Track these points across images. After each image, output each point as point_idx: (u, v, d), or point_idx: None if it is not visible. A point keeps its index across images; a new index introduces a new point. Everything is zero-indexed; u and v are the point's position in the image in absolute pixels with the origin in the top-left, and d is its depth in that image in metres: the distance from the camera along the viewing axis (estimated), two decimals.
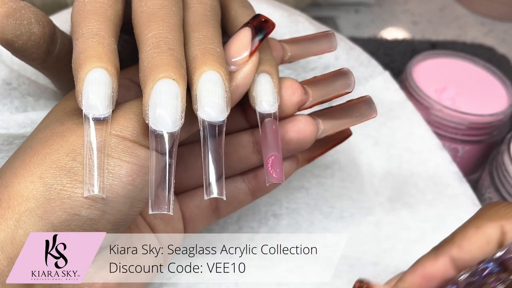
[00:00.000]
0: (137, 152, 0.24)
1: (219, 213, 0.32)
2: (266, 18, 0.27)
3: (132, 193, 0.24)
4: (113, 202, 0.23)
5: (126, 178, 0.23)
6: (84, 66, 0.23)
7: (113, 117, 0.24)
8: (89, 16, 0.24)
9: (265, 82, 0.27)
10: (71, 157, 0.23)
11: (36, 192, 0.23)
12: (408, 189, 0.39)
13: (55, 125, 0.25)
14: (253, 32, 0.26)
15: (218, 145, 0.24)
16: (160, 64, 0.23)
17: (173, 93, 0.22)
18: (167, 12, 0.24)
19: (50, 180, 0.23)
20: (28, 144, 0.25)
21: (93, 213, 0.23)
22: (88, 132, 0.23)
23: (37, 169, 0.23)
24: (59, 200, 0.22)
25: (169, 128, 0.23)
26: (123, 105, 0.25)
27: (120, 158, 0.23)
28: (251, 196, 0.31)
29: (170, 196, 0.23)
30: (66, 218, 0.23)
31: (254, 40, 0.26)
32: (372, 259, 0.35)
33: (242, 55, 0.26)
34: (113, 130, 0.23)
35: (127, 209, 0.24)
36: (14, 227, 0.22)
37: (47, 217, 0.22)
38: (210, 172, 0.24)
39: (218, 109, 0.23)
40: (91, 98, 0.23)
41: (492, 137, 0.45)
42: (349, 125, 0.30)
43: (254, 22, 0.27)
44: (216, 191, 0.23)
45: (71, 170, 0.23)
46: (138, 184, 0.24)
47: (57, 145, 0.23)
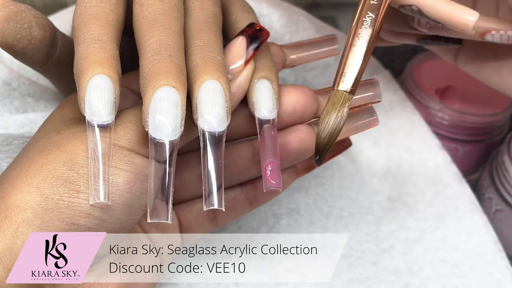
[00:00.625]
0: (134, 161, 0.24)
1: (217, 223, 0.32)
2: (261, 27, 0.27)
3: (130, 201, 0.24)
4: (112, 211, 0.23)
5: (124, 186, 0.23)
6: (86, 72, 0.23)
7: None
8: (90, 20, 0.24)
9: (265, 88, 0.27)
10: (67, 167, 0.23)
11: (33, 202, 0.22)
12: (408, 189, 0.39)
13: (52, 134, 0.24)
14: (248, 41, 0.26)
15: (218, 155, 0.24)
16: (161, 71, 0.23)
17: (173, 101, 0.22)
18: (168, 18, 0.24)
19: (47, 190, 0.23)
20: (25, 154, 0.25)
21: (92, 222, 0.23)
22: (92, 139, 0.23)
23: (34, 179, 0.23)
24: (57, 210, 0.22)
25: (169, 136, 0.22)
26: (120, 114, 0.24)
27: (117, 166, 0.23)
28: (250, 206, 0.31)
29: (169, 205, 0.23)
30: (65, 228, 0.23)
31: (249, 49, 0.26)
32: (371, 258, 0.36)
33: (236, 63, 0.26)
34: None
35: (125, 217, 0.24)
36: (12, 237, 0.22)
37: (45, 227, 0.22)
38: (210, 182, 0.23)
39: (218, 119, 0.23)
40: (94, 105, 0.22)
41: (492, 137, 0.45)
42: (350, 134, 0.30)
43: (249, 31, 0.27)
44: (216, 202, 0.23)
45: (68, 180, 0.23)
46: (136, 192, 0.24)
47: (54, 155, 0.23)
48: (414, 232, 0.37)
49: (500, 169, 0.40)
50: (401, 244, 0.36)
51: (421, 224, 0.37)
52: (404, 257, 0.36)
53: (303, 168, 0.32)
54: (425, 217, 0.38)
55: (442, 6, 0.27)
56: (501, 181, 0.40)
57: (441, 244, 0.36)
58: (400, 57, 0.41)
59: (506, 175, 0.40)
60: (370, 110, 0.29)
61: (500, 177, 0.40)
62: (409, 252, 0.36)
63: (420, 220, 0.38)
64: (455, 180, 0.39)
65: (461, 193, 0.39)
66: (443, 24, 0.27)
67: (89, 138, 0.23)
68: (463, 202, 0.38)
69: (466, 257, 0.36)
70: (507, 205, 0.39)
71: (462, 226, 0.37)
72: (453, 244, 0.36)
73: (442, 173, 0.40)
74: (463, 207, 0.38)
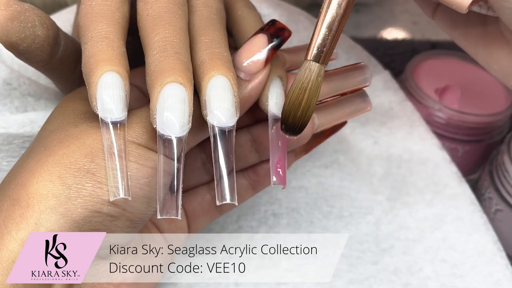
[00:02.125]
0: (152, 157, 0.24)
1: (221, 209, 0.32)
2: (283, 26, 0.27)
3: (149, 193, 0.24)
4: (132, 201, 0.24)
5: (143, 180, 0.24)
6: (96, 70, 0.23)
7: (128, 124, 0.24)
8: (97, 19, 0.24)
9: (277, 85, 0.27)
10: (89, 159, 0.23)
11: (56, 190, 0.23)
12: (407, 189, 0.39)
13: (69, 127, 0.25)
14: (269, 39, 0.26)
15: (229, 150, 0.24)
16: (167, 68, 0.23)
17: (180, 98, 0.23)
18: (173, 15, 0.24)
19: (70, 180, 0.23)
20: (41, 144, 0.25)
21: (114, 210, 0.24)
22: (107, 136, 0.23)
23: (55, 168, 0.23)
24: (80, 198, 0.23)
25: (177, 132, 0.23)
26: (137, 112, 0.25)
27: (138, 162, 0.24)
28: (252, 190, 0.32)
29: (178, 201, 0.23)
30: (88, 215, 0.23)
31: (269, 47, 0.26)
32: (371, 258, 0.36)
33: (254, 59, 0.26)
34: (129, 137, 0.24)
35: (144, 208, 0.25)
36: (35, 225, 0.22)
37: (69, 214, 0.23)
38: (222, 177, 0.24)
39: (228, 114, 0.23)
40: (107, 102, 0.23)
41: (492, 137, 0.45)
42: (344, 118, 0.30)
43: (270, 29, 0.26)
44: (229, 196, 0.24)
45: (90, 171, 0.23)
46: (154, 185, 0.24)
47: (74, 147, 0.24)
48: (414, 232, 0.37)
49: (500, 169, 0.40)
50: (401, 244, 0.36)
51: (421, 224, 0.37)
52: (404, 257, 0.36)
53: (301, 150, 0.32)
54: (425, 217, 0.38)
55: None
56: (501, 181, 0.40)
57: (441, 244, 0.36)
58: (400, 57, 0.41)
59: (506, 175, 0.40)
60: (363, 94, 0.29)
61: (500, 177, 0.40)
62: (409, 252, 0.36)
63: (420, 220, 0.38)
64: (455, 180, 0.39)
65: (461, 193, 0.39)
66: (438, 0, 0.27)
67: (103, 135, 0.23)
68: (462, 202, 0.38)
69: (466, 257, 0.36)
70: (507, 205, 0.40)
71: (462, 226, 0.37)
72: (453, 244, 0.36)
73: (442, 173, 0.40)
74: (462, 207, 0.38)
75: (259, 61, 0.26)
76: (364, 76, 0.29)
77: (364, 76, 0.29)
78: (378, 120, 0.41)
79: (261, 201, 0.38)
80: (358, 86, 0.29)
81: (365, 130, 0.41)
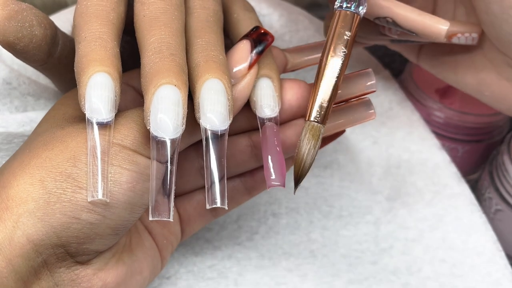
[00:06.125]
0: (137, 160, 0.24)
1: (216, 213, 0.32)
2: (266, 31, 0.27)
3: (132, 199, 0.24)
4: (114, 208, 0.23)
5: (127, 185, 0.23)
6: (86, 70, 0.23)
7: (115, 125, 0.24)
8: (91, 19, 0.24)
9: (266, 86, 0.27)
10: (71, 163, 0.23)
11: (36, 194, 0.23)
12: (407, 189, 0.39)
13: (55, 129, 0.25)
14: (252, 45, 0.26)
15: (221, 154, 0.24)
16: (162, 70, 0.23)
17: (174, 99, 0.22)
18: (169, 16, 0.24)
19: (50, 184, 0.23)
20: (27, 146, 0.25)
21: (93, 217, 0.23)
22: (92, 136, 0.23)
23: (37, 172, 0.23)
24: (59, 203, 0.23)
25: (171, 134, 0.22)
26: (124, 114, 0.25)
27: (121, 165, 0.23)
28: (248, 195, 0.31)
29: (170, 203, 0.23)
30: (66, 221, 0.23)
31: (253, 53, 0.26)
32: (371, 258, 0.36)
33: (240, 67, 0.26)
34: (114, 139, 0.23)
35: (127, 215, 0.24)
36: (12, 228, 0.22)
37: (47, 219, 0.23)
38: (213, 180, 0.24)
39: (220, 118, 0.23)
40: (94, 102, 0.23)
41: (492, 137, 0.45)
42: (347, 126, 0.30)
43: (253, 35, 0.27)
44: (219, 200, 0.23)
45: (71, 176, 0.23)
46: (138, 191, 0.24)
47: (57, 150, 0.23)
48: (413, 232, 0.37)
49: (500, 169, 0.40)
50: (401, 244, 0.36)
51: (420, 224, 0.37)
52: (404, 257, 0.36)
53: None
54: (425, 217, 0.38)
55: (415, 17, 0.29)
56: (501, 181, 0.40)
57: (440, 244, 0.36)
58: (400, 57, 0.41)
59: (506, 175, 0.40)
60: (367, 102, 0.29)
61: (500, 177, 0.40)
62: (408, 252, 0.36)
63: (419, 220, 0.38)
64: (455, 180, 0.39)
65: (460, 193, 0.39)
66: (416, 33, 0.29)
67: (88, 135, 0.23)
68: (462, 201, 0.38)
69: (465, 256, 0.36)
70: (507, 205, 0.39)
71: (461, 226, 0.37)
72: (452, 243, 0.36)
73: (442, 173, 0.40)
74: (462, 206, 0.38)
75: (242, 66, 0.26)
76: (370, 82, 0.29)
77: (370, 82, 0.29)
78: (378, 120, 0.41)
79: (260, 201, 0.38)
80: (364, 91, 0.29)
81: (364, 130, 0.41)
